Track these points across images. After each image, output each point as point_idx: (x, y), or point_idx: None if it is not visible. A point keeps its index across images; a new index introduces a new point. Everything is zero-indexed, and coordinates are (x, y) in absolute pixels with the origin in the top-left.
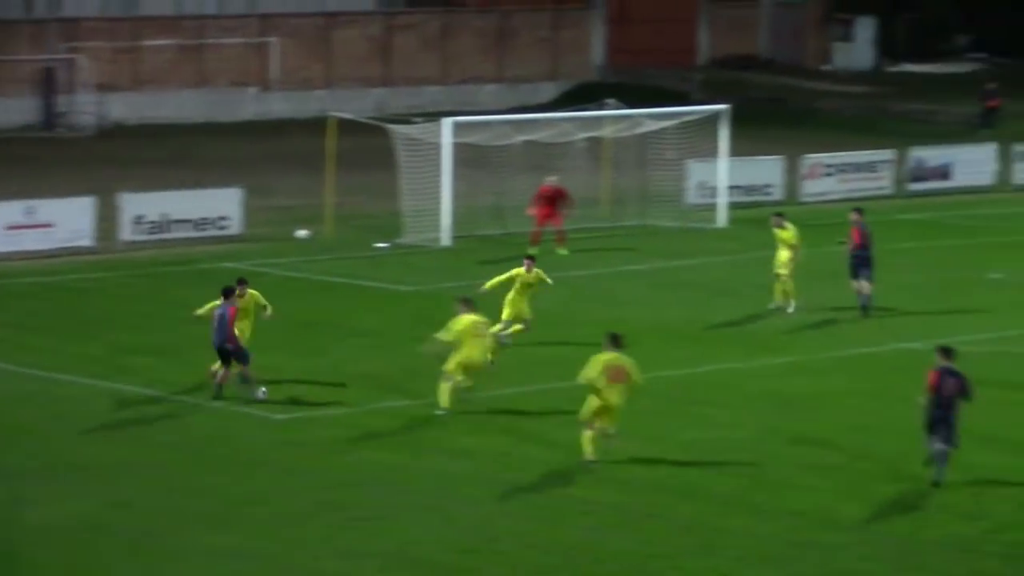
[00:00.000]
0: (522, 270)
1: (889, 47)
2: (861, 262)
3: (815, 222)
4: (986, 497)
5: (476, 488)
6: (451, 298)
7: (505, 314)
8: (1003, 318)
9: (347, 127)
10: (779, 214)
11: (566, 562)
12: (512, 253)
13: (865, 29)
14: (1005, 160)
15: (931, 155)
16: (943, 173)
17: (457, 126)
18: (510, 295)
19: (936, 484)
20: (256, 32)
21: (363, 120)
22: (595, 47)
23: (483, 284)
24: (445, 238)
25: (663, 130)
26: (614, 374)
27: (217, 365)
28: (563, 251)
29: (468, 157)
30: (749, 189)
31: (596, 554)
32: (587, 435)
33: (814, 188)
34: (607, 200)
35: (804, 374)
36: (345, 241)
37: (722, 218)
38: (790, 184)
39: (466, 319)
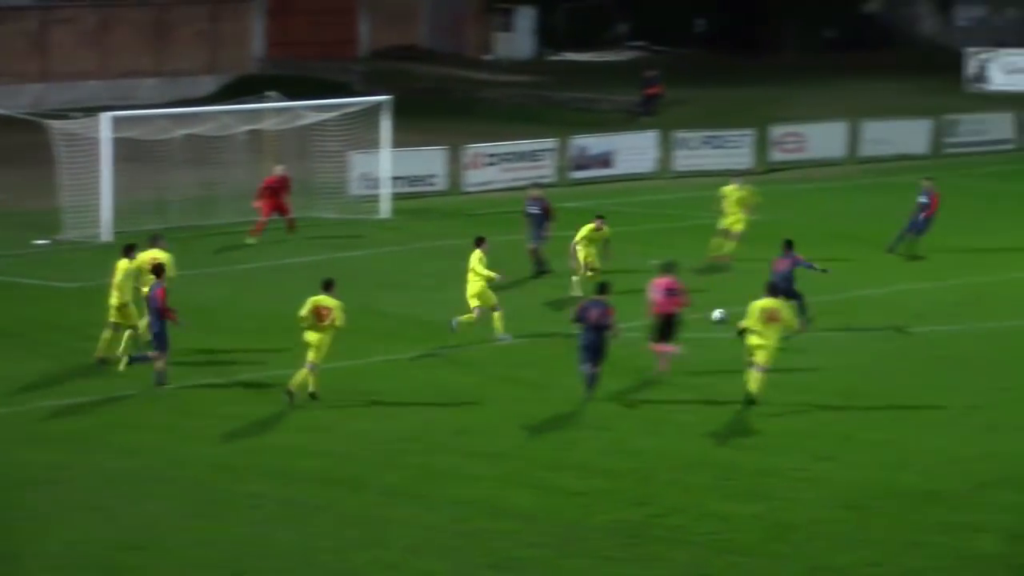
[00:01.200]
0: (478, 252)
1: (550, 36)
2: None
3: (479, 211)
4: (651, 483)
5: (141, 485)
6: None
7: (473, 302)
8: None
9: (3, 123)
10: (601, 216)
11: (233, 557)
12: (175, 249)
13: (525, 19)
14: (666, 147)
15: (593, 143)
16: (605, 161)
17: (116, 121)
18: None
19: (587, 400)
20: None
21: (20, 116)
22: (255, 39)
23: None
24: (106, 233)
25: (325, 122)
26: (317, 313)
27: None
28: (251, 241)
29: (128, 152)
30: (412, 180)
31: (263, 548)
32: (302, 372)
33: (477, 178)
34: None
35: (468, 364)
36: (2, 239)
37: (385, 209)
38: (453, 174)
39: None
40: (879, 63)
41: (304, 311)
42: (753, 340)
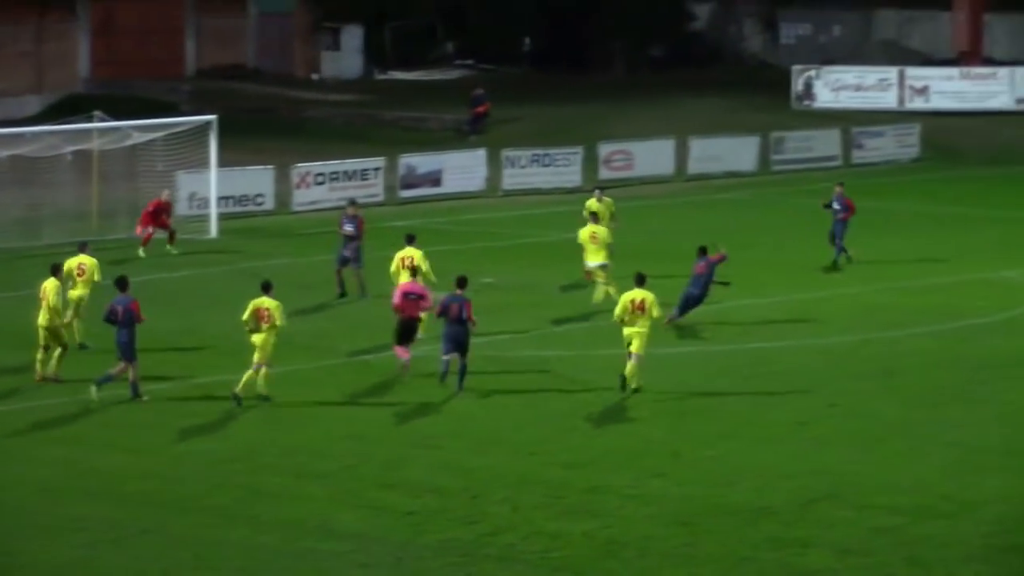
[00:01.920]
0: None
1: (377, 55)
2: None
3: (306, 231)
4: (482, 501)
5: None
6: None
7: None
8: (494, 322)
9: None
10: (600, 188)
11: None
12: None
13: (352, 38)
14: (494, 165)
15: (421, 162)
16: (434, 179)
17: None
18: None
19: (459, 393)
20: None
21: None
22: (81, 59)
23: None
24: None
25: (152, 142)
26: (260, 315)
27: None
28: (142, 253)
29: None
30: (240, 199)
31: (88, 572)
32: (249, 373)
33: (305, 197)
34: (96, 213)
35: (297, 384)
36: None
37: (213, 229)
38: (281, 193)
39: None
40: (706, 80)
41: (246, 315)
42: (626, 330)
